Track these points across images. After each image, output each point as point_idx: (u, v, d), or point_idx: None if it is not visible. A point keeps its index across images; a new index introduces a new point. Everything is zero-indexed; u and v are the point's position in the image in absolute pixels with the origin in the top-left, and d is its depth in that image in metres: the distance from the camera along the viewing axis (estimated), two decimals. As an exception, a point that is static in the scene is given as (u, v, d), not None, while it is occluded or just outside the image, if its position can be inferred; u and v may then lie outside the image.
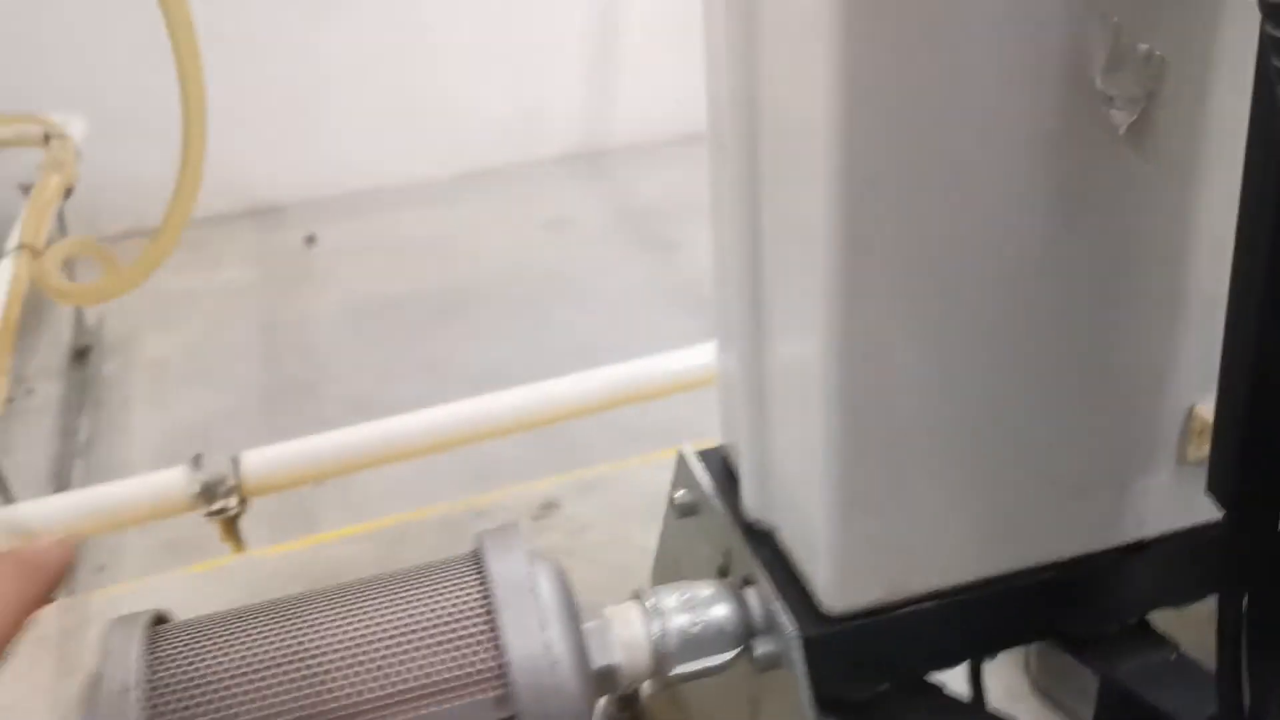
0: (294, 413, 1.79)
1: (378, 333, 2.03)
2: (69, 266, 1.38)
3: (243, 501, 0.85)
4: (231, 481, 0.84)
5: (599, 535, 0.80)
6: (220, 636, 0.35)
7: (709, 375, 0.98)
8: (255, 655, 0.34)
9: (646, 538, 0.79)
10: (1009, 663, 0.50)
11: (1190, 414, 0.39)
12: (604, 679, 0.37)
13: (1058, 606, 0.41)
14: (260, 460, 0.85)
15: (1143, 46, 0.31)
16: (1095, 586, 0.41)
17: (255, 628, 0.35)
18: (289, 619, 0.36)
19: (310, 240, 2.38)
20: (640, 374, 0.96)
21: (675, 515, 0.49)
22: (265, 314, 2.14)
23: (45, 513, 0.84)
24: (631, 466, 0.88)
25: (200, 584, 0.77)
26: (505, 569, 0.36)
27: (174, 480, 0.83)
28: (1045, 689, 0.46)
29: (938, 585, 0.39)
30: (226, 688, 0.34)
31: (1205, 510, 0.34)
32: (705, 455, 0.48)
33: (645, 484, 0.87)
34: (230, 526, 0.85)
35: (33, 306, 1.45)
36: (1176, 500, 0.40)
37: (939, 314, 0.35)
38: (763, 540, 0.42)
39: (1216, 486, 0.33)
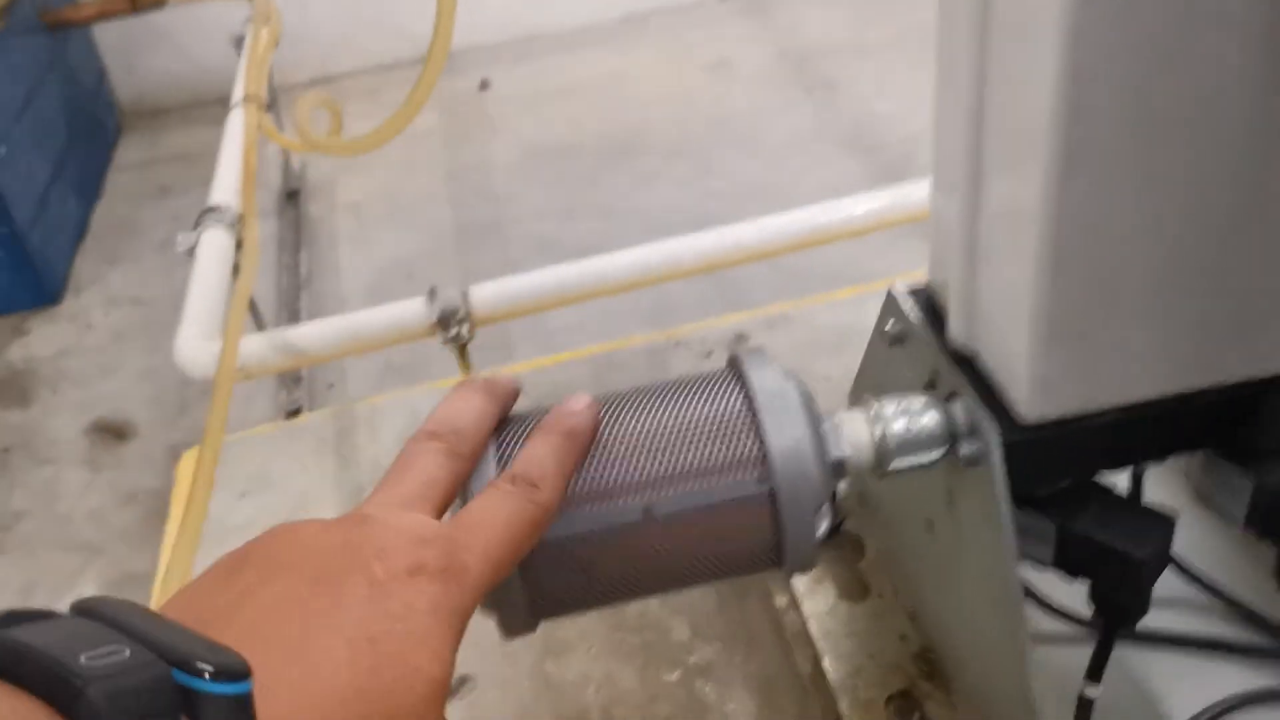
0: (484, 251, 1.90)
1: (553, 175, 2.10)
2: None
3: (472, 329, 0.96)
4: (463, 312, 0.95)
5: (785, 365, 0.88)
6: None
7: (885, 219, 1.04)
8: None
9: (828, 368, 0.87)
10: (1171, 468, 0.57)
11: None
12: (838, 468, 0.46)
13: (1227, 422, 0.47)
14: (487, 293, 0.95)
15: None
16: (1262, 407, 0.46)
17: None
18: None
19: (484, 85, 2.44)
20: (821, 219, 1.02)
21: (884, 344, 0.56)
22: (447, 158, 2.22)
23: (309, 336, 0.97)
24: (811, 305, 0.96)
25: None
26: (764, 380, 0.45)
27: (415, 310, 0.94)
28: (1203, 492, 0.52)
29: (1123, 400, 0.45)
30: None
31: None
32: (913, 292, 0.54)
33: (823, 320, 0.94)
34: (463, 351, 0.97)
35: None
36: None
37: (1152, 167, 0.39)
38: (966, 363, 0.49)
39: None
